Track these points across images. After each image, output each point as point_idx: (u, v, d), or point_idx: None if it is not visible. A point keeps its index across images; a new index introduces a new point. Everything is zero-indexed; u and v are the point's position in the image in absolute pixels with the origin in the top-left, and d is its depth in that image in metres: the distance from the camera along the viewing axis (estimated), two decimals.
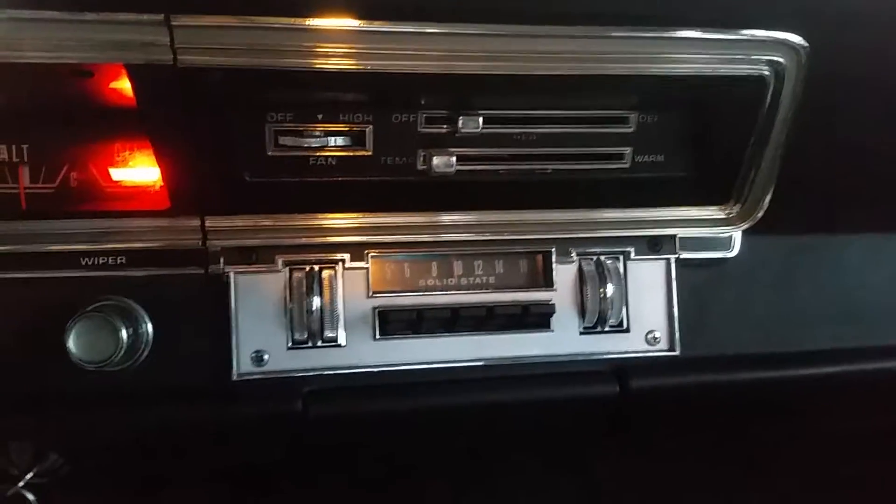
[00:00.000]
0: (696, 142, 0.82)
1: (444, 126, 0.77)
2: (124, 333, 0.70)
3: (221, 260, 0.75)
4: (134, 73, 0.65)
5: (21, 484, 0.78)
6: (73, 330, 0.69)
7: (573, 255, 0.82)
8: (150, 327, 0.74)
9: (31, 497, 0.79)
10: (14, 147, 0.73)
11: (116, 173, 0.76)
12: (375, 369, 0.79)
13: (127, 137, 0.74)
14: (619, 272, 0.83)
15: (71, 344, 0.69)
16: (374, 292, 0.79)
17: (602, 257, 0.83)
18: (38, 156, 0.73)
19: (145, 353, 0.74)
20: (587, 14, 0.69)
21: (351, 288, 0.78)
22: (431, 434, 0.88)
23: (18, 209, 0.73)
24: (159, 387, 0.74)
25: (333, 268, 0.78)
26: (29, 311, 0.73)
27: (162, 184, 0.74)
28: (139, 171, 0.76)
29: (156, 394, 0.74)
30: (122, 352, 0.70)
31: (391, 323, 0.78)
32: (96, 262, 0.73)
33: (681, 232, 0.84)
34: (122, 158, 0.75)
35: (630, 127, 0.80)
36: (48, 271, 0.72)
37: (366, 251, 0.78)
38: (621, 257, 0.83)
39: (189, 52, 0.64)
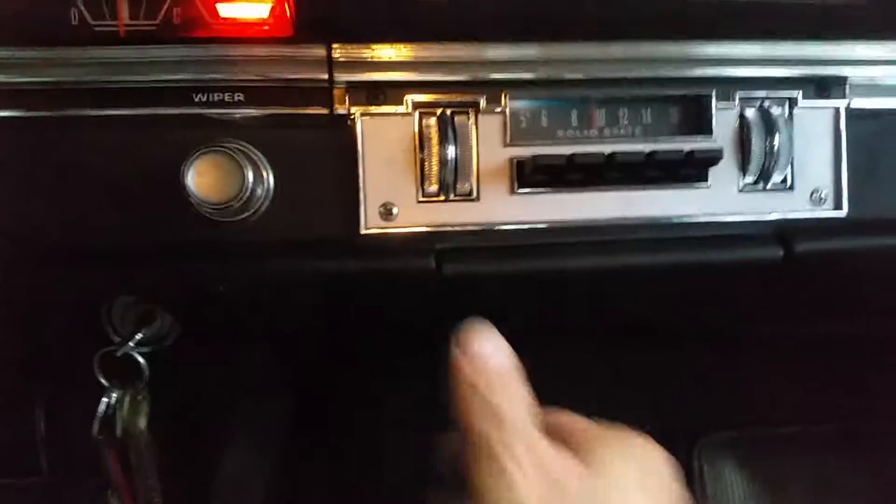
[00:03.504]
0: None
1: None
2: (250, 174, 0.62)
3: (347, 99, 0.67)
4: None
5: (131, 344, 0.71)
6: (193, 166, 0.60)
7: (735, 99, 0.72)
8: (271, 176, 0.66)
9: (141, 360, 0.73)
10: None
11: (224, 9, 0.67)
12: (513, 227, 0.71)
13: None
14: (786, 120, 0.73)
15: (190, 181, 0.61)
16: (510, 142, 0.70)
17: (766, 103, 0.73)
18: None
19: (266, 204, 0.66)
20: None
21: (486, 136, 0.70)
22: (576, 299, 0.80)
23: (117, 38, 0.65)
24: (281, 239, 0.67)
25: (467, 113, 0.70)
26: (139, 154, 0.65)
27: (274, 18, 0.65)
28: (249, 7, 0.67)
29: (277, 247, 0.67)
30: (247, 194, 0.62)
31: (530, 174, 0.69)
32: (211, 99, 0.65)
33: (852, 73, 0.74)
34: None
35: None
36: (157, 108, 0.64)
37: (502, 92, 0.70)
38: (787, 103, 0.73)
39: None
